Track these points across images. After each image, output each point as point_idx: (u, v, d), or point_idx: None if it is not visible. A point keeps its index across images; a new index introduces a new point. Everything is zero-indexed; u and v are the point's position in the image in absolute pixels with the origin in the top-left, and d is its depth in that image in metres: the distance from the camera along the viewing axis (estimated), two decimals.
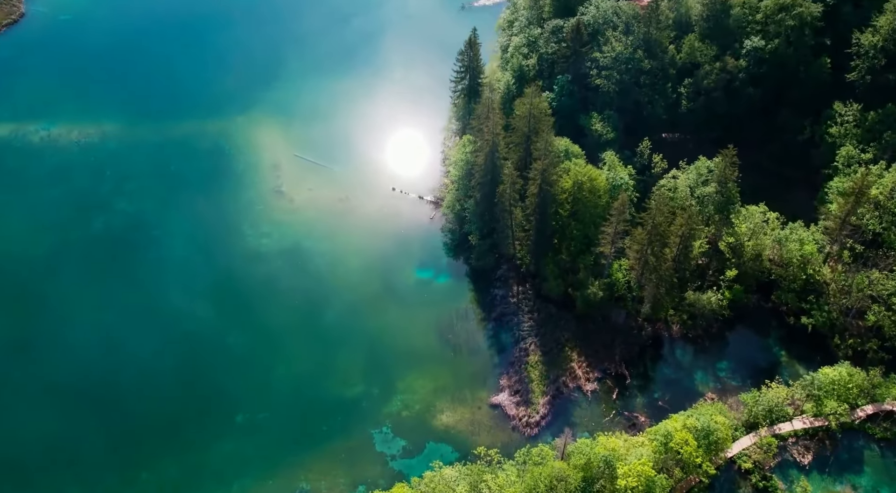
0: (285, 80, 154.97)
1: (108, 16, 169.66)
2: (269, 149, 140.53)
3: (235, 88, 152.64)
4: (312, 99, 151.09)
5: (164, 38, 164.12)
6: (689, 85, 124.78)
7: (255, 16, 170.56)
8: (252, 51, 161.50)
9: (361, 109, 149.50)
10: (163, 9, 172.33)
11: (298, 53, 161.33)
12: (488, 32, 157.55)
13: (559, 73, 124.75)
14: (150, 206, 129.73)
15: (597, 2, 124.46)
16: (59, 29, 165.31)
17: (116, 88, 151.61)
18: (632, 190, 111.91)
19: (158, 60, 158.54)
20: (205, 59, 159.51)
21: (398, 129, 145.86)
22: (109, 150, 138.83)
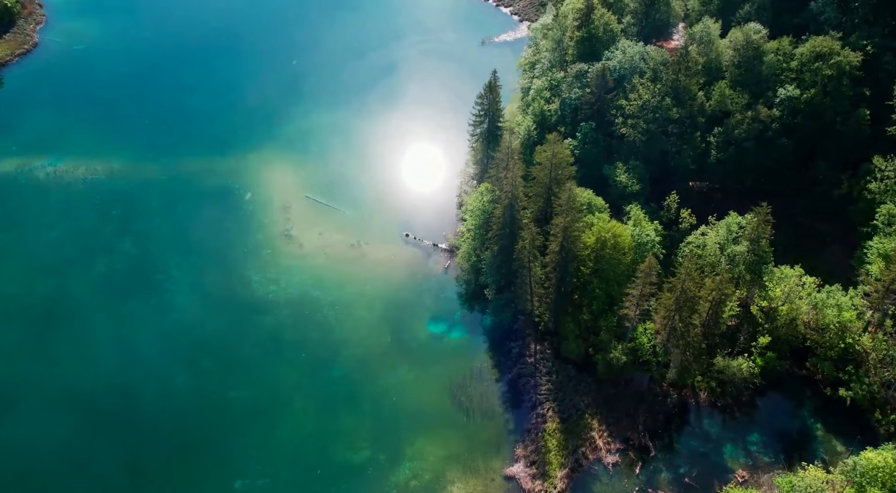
0: (299, 115, 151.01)
1: (122, 46, 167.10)
2: (280, 189, 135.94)
3: (248, 123, 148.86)
4: (326, 136, 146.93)
5: (177, 71, 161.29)
6: (718, 134, 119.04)
7: (271, 49, 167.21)
8: (266, 85, 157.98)
9: (376, 147, 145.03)
10: (178, 40, 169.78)
11: (313, 88, 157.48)
12: (509, 70, 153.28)
13: (582, 120, 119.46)
14: (154, 248, 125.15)
15: (623, 46, 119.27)
16: (72, 59, 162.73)
17: (127, 123, 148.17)
18: (658, 247, 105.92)
19: (171, 93, 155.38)
20: (218, 93, 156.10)
21: (413, 170, 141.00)
22: (116, 188, 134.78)
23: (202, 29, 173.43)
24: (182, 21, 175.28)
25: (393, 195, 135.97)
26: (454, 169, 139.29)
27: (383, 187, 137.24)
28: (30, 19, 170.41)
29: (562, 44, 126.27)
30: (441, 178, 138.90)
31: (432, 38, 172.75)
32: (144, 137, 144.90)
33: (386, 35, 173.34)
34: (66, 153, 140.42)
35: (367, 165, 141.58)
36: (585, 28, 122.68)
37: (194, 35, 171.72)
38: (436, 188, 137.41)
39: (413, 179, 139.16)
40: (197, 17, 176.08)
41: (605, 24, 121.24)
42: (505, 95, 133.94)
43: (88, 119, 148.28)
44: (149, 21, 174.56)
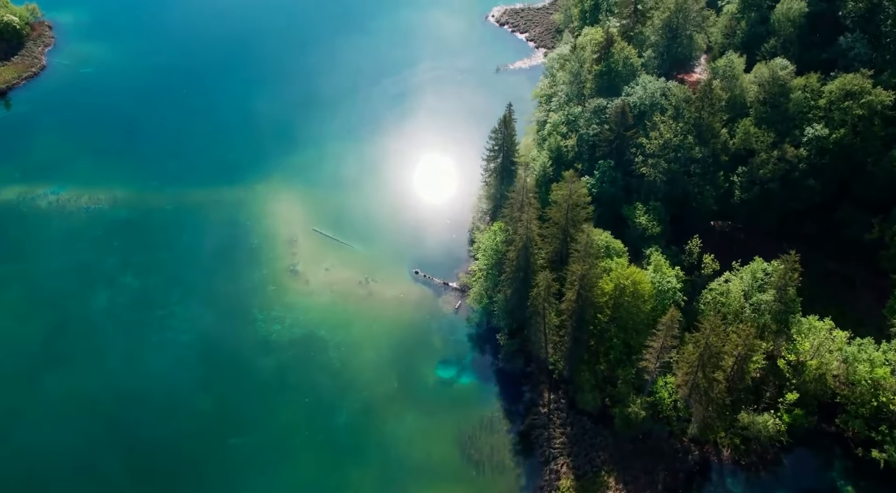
0: (310, 143, 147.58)
1: (131, 69, 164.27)
2: (287, 221, 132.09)
3: (257, 150, 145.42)
4: (336, 166, 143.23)
5: (187, 94, 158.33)
6: (742, 174, 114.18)
7: (283, 73, 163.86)
8: (277, 110, 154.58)
9: (386, 179, 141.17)
10: (188, 62, 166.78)
11: (325, 115, 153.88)
12: (524, 99, 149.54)
13: (601, 157, 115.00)
14: (156, 282, 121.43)
15: (644, 82, 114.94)
16: (79, 83, 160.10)
17: (133, 149, 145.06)
18: (679, 295, 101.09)
19: (179, 118, 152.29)
20: (228, 118, 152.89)
21: (424, 204, 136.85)
22: (119, 218, 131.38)
23: (214, 51, 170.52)
24: (194, 43, 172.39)
25: (403, 229, 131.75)
26: (467, 203, 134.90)
27: (393, 221, 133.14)
28: (38, 41, 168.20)
29: (579, 77, 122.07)
30: (453, 212, 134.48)
31: (446, 64, 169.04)
32: (150, 165, 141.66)
33: (400, 60, 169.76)
34: (70, 181, 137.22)
35: (377, 196, 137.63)
36: (604, 62, 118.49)
37: (206, 57, 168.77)
38: (447, 223, 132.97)
39: (424, 213, 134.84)
40: (210, 39, 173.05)
41: (625, 59, 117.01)
42: (519, 125, 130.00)
43: (94, 145, 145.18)
44: (160, 43, 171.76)
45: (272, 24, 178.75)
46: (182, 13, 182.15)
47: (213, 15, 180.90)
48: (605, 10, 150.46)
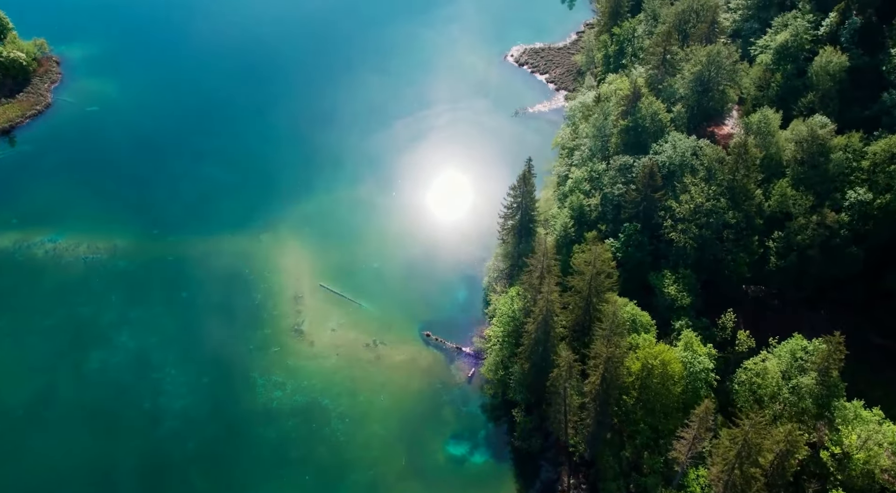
0: (319, 189, 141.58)
1: (138, 107, 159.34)
2: (293, 275, 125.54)
3: (264, 196, 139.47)
4: (345, 215, 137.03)
5: (193, 135, 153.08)
6: (779, 239, 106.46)
7: (293, 114, 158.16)
8: (286, 154, 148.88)
9: (398, 230, 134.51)
10: (197, 101, 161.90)
11: (336, 159, 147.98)
12: (543, 146, 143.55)
13: (626, 219, 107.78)
14: (154, 341, 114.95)
15: (673, 140, 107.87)
16: (84, 122, 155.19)
17: (136, 193, 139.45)
18: (712, 376, 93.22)
19: (185, 161, 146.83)
20: (235, 162, 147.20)
21: (437, 258, 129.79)
22: (118, 269, 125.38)
23: (225, 89, 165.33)
24: (204, 80, 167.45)
25: (414, 285, 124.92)
26: (482, 259, 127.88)
27: (404, 276, 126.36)
28: (45, 78, 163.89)
29: (604, 131, 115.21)
30: (468, 270, 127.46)
31: (463, 106, 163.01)
32: (153, 211, 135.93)
33: (414, 101, 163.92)
34: (69, 228, 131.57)
35: (388, 248, 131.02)
36: (631, 117, 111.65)
37: (216, 96, 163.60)
38: (462, 281, 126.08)
39: (437, 268, 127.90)
40: (221, 76, 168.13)
41: (653, 114, 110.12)
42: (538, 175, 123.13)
43: (95, 189, 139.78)
44: (169, 79, 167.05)
45: (285, 60, 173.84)
46: (194, 48, 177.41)
47: (225, 51, 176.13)
48: (630, 55, 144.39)
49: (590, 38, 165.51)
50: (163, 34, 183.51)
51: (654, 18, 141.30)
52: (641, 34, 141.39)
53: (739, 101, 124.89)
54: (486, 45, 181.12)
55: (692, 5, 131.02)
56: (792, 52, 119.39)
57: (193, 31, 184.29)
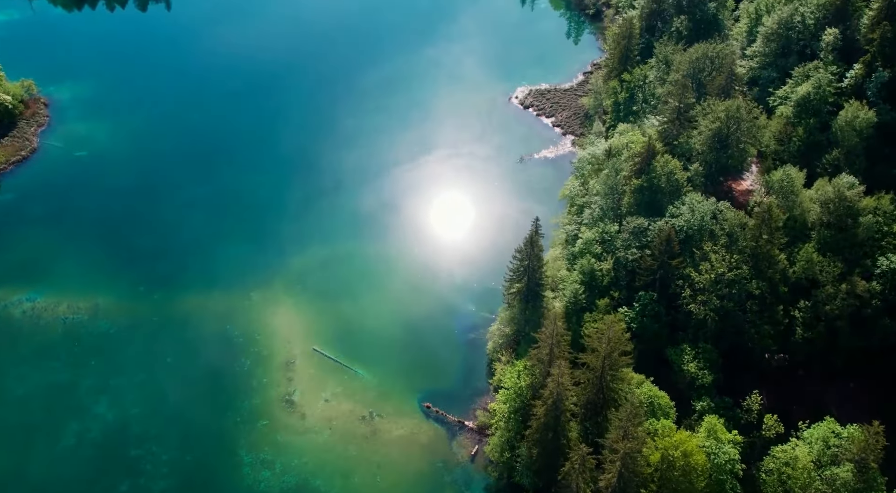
0: (314, 242, 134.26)
1: (127, 152, 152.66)
2: (285, 338, 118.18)
3: (256, 250, 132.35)
4: (341, 270, 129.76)
5: (185, 182, 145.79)
6: (805, 309, 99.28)
7: (288, 160, 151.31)
8: (280, 203, 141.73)
9: (397, 288, 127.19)
10: (190, 145, 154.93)
11: (331, 209, 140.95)
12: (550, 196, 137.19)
13: (641, 287, 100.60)
14: (135, 412, 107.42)
15: (691, 202, 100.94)
16: (71, 168, 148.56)
17: (122, 246, 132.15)
18: (738, 467, 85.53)
19: (175, 211, 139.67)
20: (226, 212, 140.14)
21: (438, 319, 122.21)
22: (99, 331, 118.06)
23: (217, 133, 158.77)
24: (196, 123, 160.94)
25: (414, 350, 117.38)
26: (486, 320, 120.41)
27: (403, 340, 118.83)
28: (32, 121, 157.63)
29: (615, 191, 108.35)
30: (471, 331, 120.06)
31: (466, 151, 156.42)
32: (139, 266, 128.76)
33: (415, 146, 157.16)
34: (49, 285, 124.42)
35: (386, 308, 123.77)
36: (645, 176, 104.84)
37: (207, 139, 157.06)
38: (464, 345, 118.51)
39: (438, 331, 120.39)
40: (213, 119, 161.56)
41: (668, 174, 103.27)
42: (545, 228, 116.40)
43: (80, 241, 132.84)
44: (162, 122, 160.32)
45: (281, 101, 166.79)
46: (187, 88, 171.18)
47: (219, 92, 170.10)
48: (640, 102, 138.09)
49: (598, 81, 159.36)
50: (156, 73, 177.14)
51: (665, 64, 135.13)
52: (653, 81, 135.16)
53: (759, 154, 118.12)
54: (491, 85, 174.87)
55: (707, 53, 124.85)
56: (814, 106, 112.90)
57: (187, 70, 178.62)
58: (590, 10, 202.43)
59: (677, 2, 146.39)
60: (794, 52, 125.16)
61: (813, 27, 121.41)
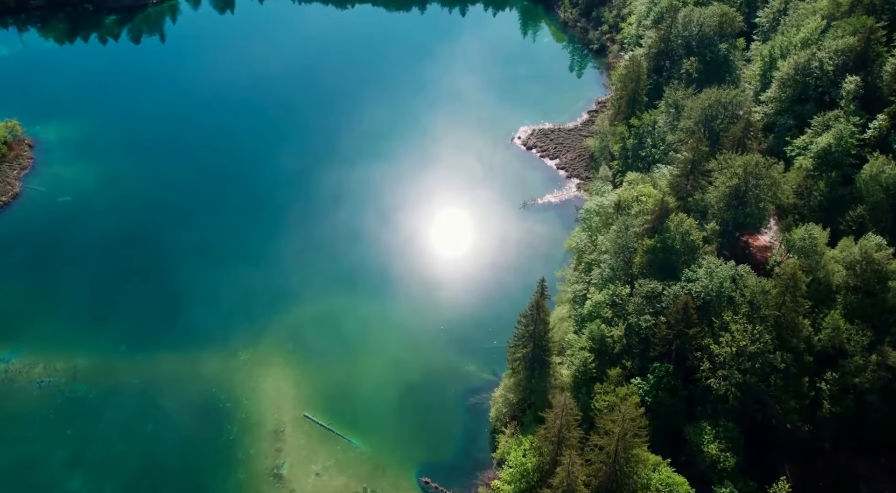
0: (306, 298, 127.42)
1: (113, 198, 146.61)
2: (274, 403, 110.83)
3: (246, 306, 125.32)
4: (334, 328, 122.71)
5: (173, 231, 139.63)
6: (832, 381, 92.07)
7: (281, 208, 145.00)
8: (273, 253, 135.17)
9: (394, 347, 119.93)
10: (179, 190, 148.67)
11: (326, 261, 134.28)
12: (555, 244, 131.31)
13: (656, 358, 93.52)
14: (109, 489, 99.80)
15: (709, 266, 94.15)
16: (54, 215, 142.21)
17: (104, 300, 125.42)
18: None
19: (162, 262, 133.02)
20: (215, 263, 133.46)
21: (437, 382, 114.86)
22: (77, 396, 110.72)
23: (208, 178, 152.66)
24: (187, 167, 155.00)
25: (412, 417, 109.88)
26: (488, 383, 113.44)
27: (400, 405, 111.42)
28: (15, 164, 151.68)
29: (626, 249, 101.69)
30: (472, 395, 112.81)
31: (466, 196, 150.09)
32: (121, 322, 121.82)
33: (413, 192, 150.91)
34: (25, 344, 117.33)
35: (383, 370, 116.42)
36: (658, 236, 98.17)
37: (198, 185, 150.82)
38: (465, 411, 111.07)
39: (437, 395, 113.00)
40: (205, 165, 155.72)
41: (683, 234, 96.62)
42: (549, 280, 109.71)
43: (60, 295, 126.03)
44: (151, 166, 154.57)
45: (274, 148, 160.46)
46: (180, 131, 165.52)
47: (212, 135, 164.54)
48: (649, 147, 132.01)
49: (603, 122, 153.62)
50: (147, 111, 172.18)
51: (675, 109, 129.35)
52: (663, 126, 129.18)
53: (777, 207, 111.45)
54: (492, 125, 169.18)
55: (720, 99, 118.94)
56: (836, 158, 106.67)
57: (179, 108, 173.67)
58: (594, 45, 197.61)
59: (686, 42, 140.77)
60: (811, 98, 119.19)
61: (832, 74, 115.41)
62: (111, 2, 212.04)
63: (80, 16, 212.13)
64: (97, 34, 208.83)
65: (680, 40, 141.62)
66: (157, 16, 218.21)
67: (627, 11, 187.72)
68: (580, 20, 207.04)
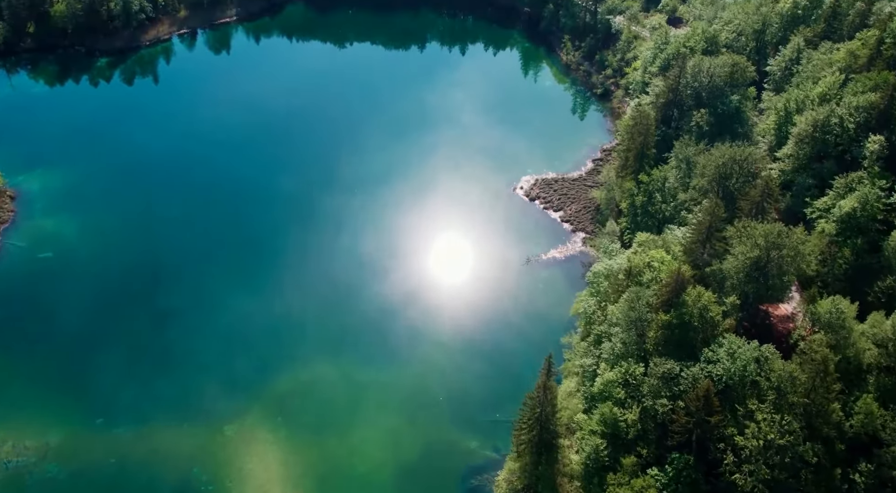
0: (297, 364, 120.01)
1: (96, 253, 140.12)
2: (260, 485, 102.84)
3: (230, 372, 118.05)
4: (329, 398, 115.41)
5: (157, 289, 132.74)
6: (867, 472, 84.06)
7: (272, 268, 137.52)
8: (261, 318, 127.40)
9: (391, 420, 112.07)
10: (165, 246, 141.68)
11: (317, 325, 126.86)
12: (561, 302, 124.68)
13: (674, 447, 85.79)
14: None
15: (730, 346, 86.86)
16: (33, 272, 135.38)
17: (81, 369, 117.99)
18: None
19: (143, 325, 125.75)
20: (200, 325, 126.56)
21: (436, 461, 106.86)
22: (47, 477, 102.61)
23: (197, 231, 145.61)
24: (175, 222, 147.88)
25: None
26: (491, 462, 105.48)
27: (397, 488, 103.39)
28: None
29: (639, 324, 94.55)
30: (473, 478, 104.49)
31: (468, 253, 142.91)
32: (99, 393, 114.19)
33: (412, 247, 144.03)
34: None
35: (378, 445, 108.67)
36: (674, 311, 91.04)
37: (187, 239, 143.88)
38: None
39: (436, 477, 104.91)
40: (193, 219, 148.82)
41: (701, 309, 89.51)
42: (556, 352, 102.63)
43: (34, 363, 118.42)
44: (136, 219, 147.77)
45: (266, 203, 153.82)
46: (169, 181, 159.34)
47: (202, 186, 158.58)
48: (659, 203, 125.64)
49: (609, 173, 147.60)
50: (136, 158, 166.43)
51: (687, 165, 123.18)
52: (674, 183, 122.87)
53: (800, 279, 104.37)
54: (494, 174, 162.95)
55: (734, 156, 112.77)
56: (861, 224, 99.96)
57: (170, 156, 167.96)
58: (597, 90, 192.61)
59: (696, 93, 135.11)
60: (831, 156, 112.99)
61: (853, 132, 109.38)
62: (103, 44, 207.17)
63: (71, 58, 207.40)
64: (88, 77, 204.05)
65: (689, 91, 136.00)
66: (151, 57, 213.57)
67: (632, 56, 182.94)
68: (583, 63, 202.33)
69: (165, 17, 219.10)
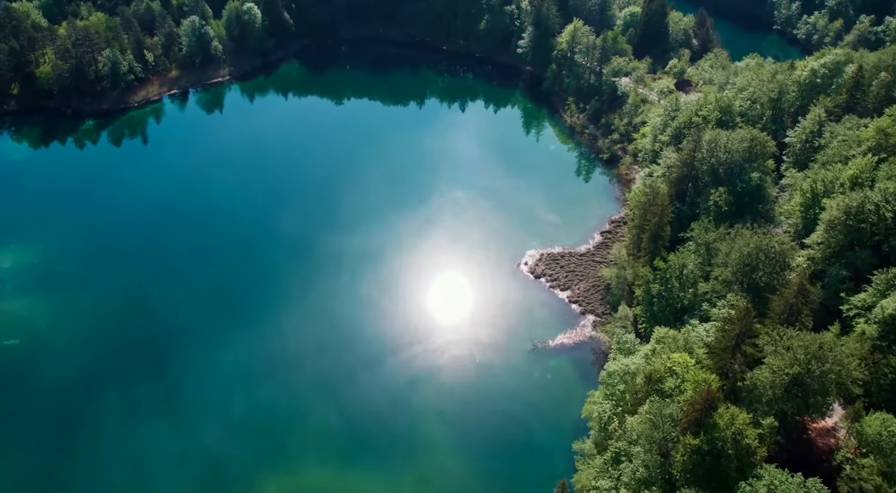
0: (281, 471, 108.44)
1: (68, 341, 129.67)
2: None
3: (211, 479, 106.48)
4: None
5: (132, 382, 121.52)
6: None
7: (253, 364, 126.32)
8: (244, 420, 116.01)
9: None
10: (142, 336, 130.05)
11: (308, 419, 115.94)
12: (571, 400, 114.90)
13: None
14: None
15: (771, 481, 75.70)
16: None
17: (46, 471, 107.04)
18: None
19: (116, 421, 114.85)
20: (178, 421, 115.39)
21: None
22: None
23: (175, 318, 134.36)
24: (155, 304, 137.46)
25: None
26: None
27: None
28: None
29: (663, 444, 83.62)
30: None
31: (467, 337, 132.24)
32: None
33: (407, 334, 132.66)
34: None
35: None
36: (704, 436, 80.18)
37: (164, 326, 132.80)
38: None
39: None
40: (173, 301, 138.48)
41: (735, 434, 78.69)
42: (566, 454, 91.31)
43: None
44: (112, 301, 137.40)
45: (255, 281, 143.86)
46: (150, 258, 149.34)
47: (186, 261, 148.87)
48: (676, 290, 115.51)
49: (620, 252, 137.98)
50: (116, 231, 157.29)
51: (707, 251, 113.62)
52: (693, 270, 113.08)
53: (841, 392, 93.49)
54: (496, 249, 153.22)
55: (759, 246, 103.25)
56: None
57: (158, 219, 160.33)
58: (604, 154, 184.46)
59: (713, 169, 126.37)
60: (865, 246, 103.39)
61: (890, 221, 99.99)
62: (90, 106, 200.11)
63: (57, 120, 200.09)
64: (74, 139, 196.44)
65: (705, 166, 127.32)
66: (140, 118, 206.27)
67: (640, 120, 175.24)
68: (588, 126, 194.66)
69: (156, 77, 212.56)
